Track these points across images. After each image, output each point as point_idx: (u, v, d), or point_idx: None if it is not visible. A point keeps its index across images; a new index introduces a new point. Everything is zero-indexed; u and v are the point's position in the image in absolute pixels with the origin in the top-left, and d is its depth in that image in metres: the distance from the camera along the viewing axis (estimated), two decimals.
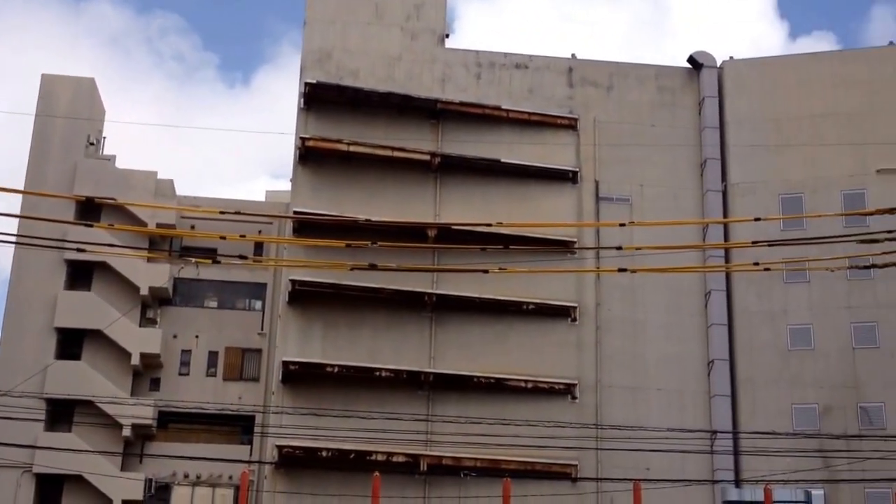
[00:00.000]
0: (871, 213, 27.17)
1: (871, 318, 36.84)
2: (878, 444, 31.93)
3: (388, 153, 37.60)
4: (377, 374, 35.45)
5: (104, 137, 42.65)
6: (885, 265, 23.59)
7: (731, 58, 41.11)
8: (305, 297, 36.08)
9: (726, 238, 38.01)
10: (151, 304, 39.49)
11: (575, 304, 37.65)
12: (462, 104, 38.85)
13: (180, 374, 39.00)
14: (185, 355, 39.16)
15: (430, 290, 36.56)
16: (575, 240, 37.65)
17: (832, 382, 36.47)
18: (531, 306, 37.06)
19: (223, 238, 20.00)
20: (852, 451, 32.76)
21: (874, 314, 36.86)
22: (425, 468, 34.75)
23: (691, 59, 40.96)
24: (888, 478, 30.27)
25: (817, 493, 34.79)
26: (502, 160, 38.32)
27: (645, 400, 37.05)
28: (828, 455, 33.34)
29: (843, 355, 36.71)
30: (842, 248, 30.92)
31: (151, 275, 38.70)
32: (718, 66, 40.90)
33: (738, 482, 35.83)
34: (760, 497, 31.36)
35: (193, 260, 31.95)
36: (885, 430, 34.22)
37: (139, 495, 36.16)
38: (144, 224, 38.16)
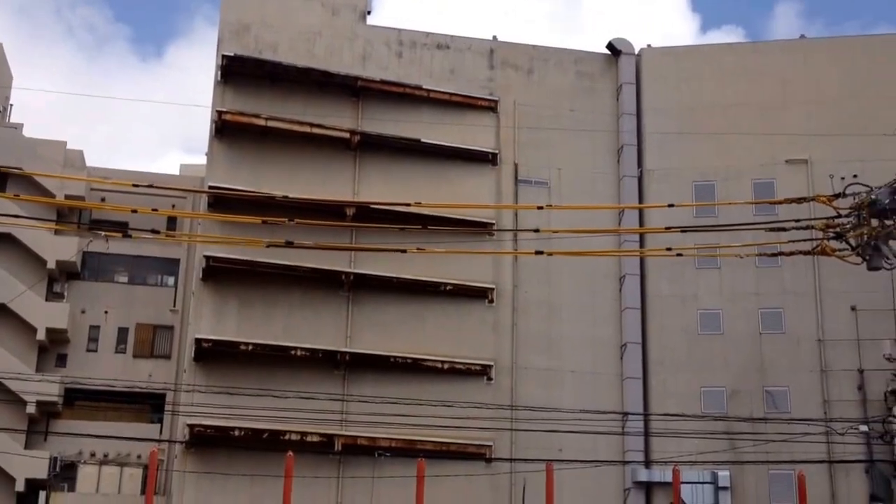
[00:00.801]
0: (780, 202, 27.73)
1: (777, 305, 37.81)
2: (783, 427, 32.85)
3: (307, 129, 37.17)
4: (293, 352, 35.12)
5: (11, 105, 41.33)
6: (792, 253, 24.19)
7: (648, 45, 41.65)
8: (220, 273, 35.53)
9: (641, 223, 38.52)
10: (59, 278, 38.48)
11: (492, 286, 37.83)
12: (383, 82, 38.59)
13: (88, 351, 38.11)
14: (93, 331, 38.27)
15: (347, 270, 36.34)
16: (493, 222, 37.78)
17: (739, 366, 37.37)
18: (449, 287, 37.12)
19: (135, 211, 19.50)
20: (757, 433, 33.68)
21: (781, 301, 37.83)
22: (340, 448, 34.62)
23: (610, 46, 41.35)
24: (791, 460, 31.18)
25: (723, 474, 35.76)
26: (422, 140, 38.21)
27: (559, 382, 37.46)
28: (734, 437, 34.20)
29: (751, 340, 37.63)
30: (751, 236, 31.70)
31: (59, 248, 37.69)
32: (636, 53, 41.39)
33: (647, 463, 36.55)
34: (669, 478, 32.07)
35: (103, 233, 31.11)
36: (789, 413, 35.17)
37: (43, 474, 35.27)
38: (52, 195, 37.11)
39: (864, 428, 23.37)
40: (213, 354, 34.87)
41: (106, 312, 38.56)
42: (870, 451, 32.71)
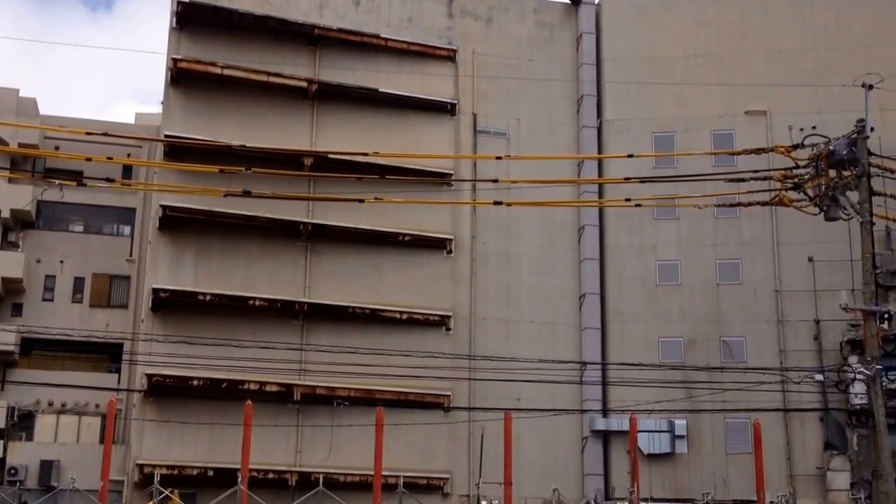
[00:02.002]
0: (739, 153, 28.02)
1: (735, 256, 38.16)
2: (738, 377, 33.28)
3: (264, 78, 36.66)
4: (251, 303, 34.95)
5: None
6: (750, 204, 24.41)
7: None
8: (177, 223, 35.14)
9: (600, 174, 38.64)
10: (13, 227, 37.84)
11: (451, 237, 37.79)
12: (340, 31, 38.08)
13: (44, 300, 37.58)
14: (49, 280, 37.75)
15: (305, 220, 36.11)
16: (452, 172, 37.62)
17: (697, 317, 37.76)
18: (407, 238, 37.04)
19: (89, 160, 19.12)
20: (714, 382, 34.10)
21: (738, 251, 38.18)
22: (299, 397, 34.64)
23: None
24: (746, 408, 31.65)
25: (680, 422, 36.27)
26: (380, 90, 37.84)
27: (517, 332, 37.63)
28: (691, 386, 34.62)
29: (708, 291, 38.00)
30: (710, 187, 32.00)
31: (13, 196, 37.03)
32: (596, 2, 41.17)
33: (605, 412, 36.94)
34: (626, 426, 32.49)
35: (57, 182, 30.67)
36: (745, 363, 35.67)
37: (1, 424, 34.93)
38: (5, 143, 36.37)
39: (819, 377, 23.75)
40: (170, 304, 34.60)
41: (62, 262, 38.03)
42: (825, 400, 33.31)
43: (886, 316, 20.57)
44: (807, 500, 34.35)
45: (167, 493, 26.35)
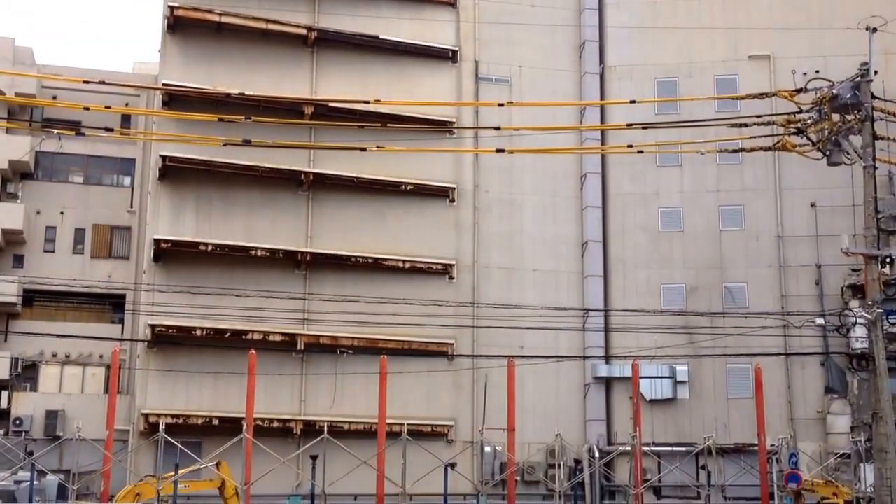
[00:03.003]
0: (742, 98, 27.82)
1: (737, 202, 38.03)
2: (740, 322, 33.36)
3: (263, 25, 36.30)
4: (253, 252, 34.93)
5: None
6: (753, 149, 24.26)
7: None
8: (177, 173, 35.01)
9: (602, 120, 38.41)
10: (12, 178, 37.72)
11: (453, 185, 37.66)
12: None
13: (45, 252, 37.56)
14: (49, 232, 37.69)
15: (306, 169, 35.95)
16: (454, 120, 37.40)
17: (699, 263, 37.73)
18: (409, 186, 36.92)
19: (87, 109, 18.92)
20: (716, 328, 34.20)
21: (741, 197, 38.03)
22: (302, 347, 34.75)
23: None
24: (748, 353, 31.74)
25: (682, 368, 36.41)
26: (381, 37, 37.48)
27: (520, 280, 37.65)
28: (693, 332, 34.71)
29: (711, 237, 37.93)
30: (713, 133, 31.80)
31: (11, 147, 36.85)
32: None
33: (607, 358, 37.09)
34: (629, 373, 32.70)
35: (55, 131, 30.51)
36: (747, 308, 35.70)
37: (5, 374, 35.13)
38: (2, 93, 36.09)
39: (820, 321, 23.76)
40: (172, 255, 34.60)
41: (62, 213, 37.94)
42: (826, 345, 33.39)
43: (888, 260, 20.54)
44: (807, 442, 34.57)
45: (214, 465, 26.26)
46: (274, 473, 28.99)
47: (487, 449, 33.07)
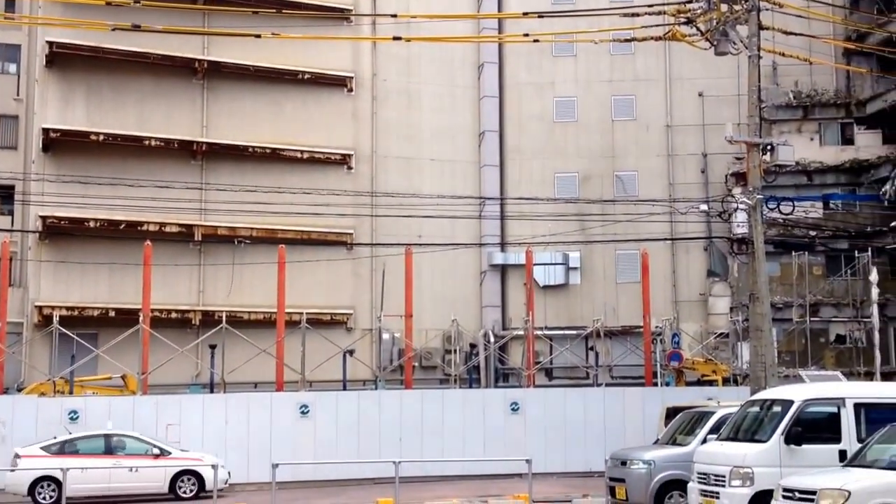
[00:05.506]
0: None
1: (629, 92, 38.80)
2: (630, 209, 34.39)
3: None
4: (146, 142, 34.35)
5: None
6: (644, 38, 24.72)
7: None
8: (65, 60, 33.97)
9: (499, 9, 38.42)
10: None
11: (351, 75, 37.43)
12: None
13: None
14: None
15: (200, 56, 35.25)
16: (351, 7, 36.95)
17: (592, 152, 38.56)
18: (307, 76, 36.56)
19: None
20: (606, 215, 35.18)
21: (633, 87, 38.81)
22: (200, 237, 34.62)
23: None
24: (636, 239, 32.85)
25: (574, 254, 37.52)
26: None
27: (418, 169, 37.96)
28: (584, 220, 35.67)
29: (603, 127, 38.73)
30: (607, 23, 32.12)
31: None
32: None
33: (503, 246, 37.94)
34: (523, 260, 33.51)
35: None
36: (636, 196, 36.79)
37: None
38: None
39: (703, 207, 24.68)
40: (62, 144, 33.81)
41: None
42: (709, 230, 34.73)
43: (769, 148, 21.33)
44: (689, 323, 36.15)
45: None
46: (174, 364, 29.15)
47: (386, 336, 33.67)
